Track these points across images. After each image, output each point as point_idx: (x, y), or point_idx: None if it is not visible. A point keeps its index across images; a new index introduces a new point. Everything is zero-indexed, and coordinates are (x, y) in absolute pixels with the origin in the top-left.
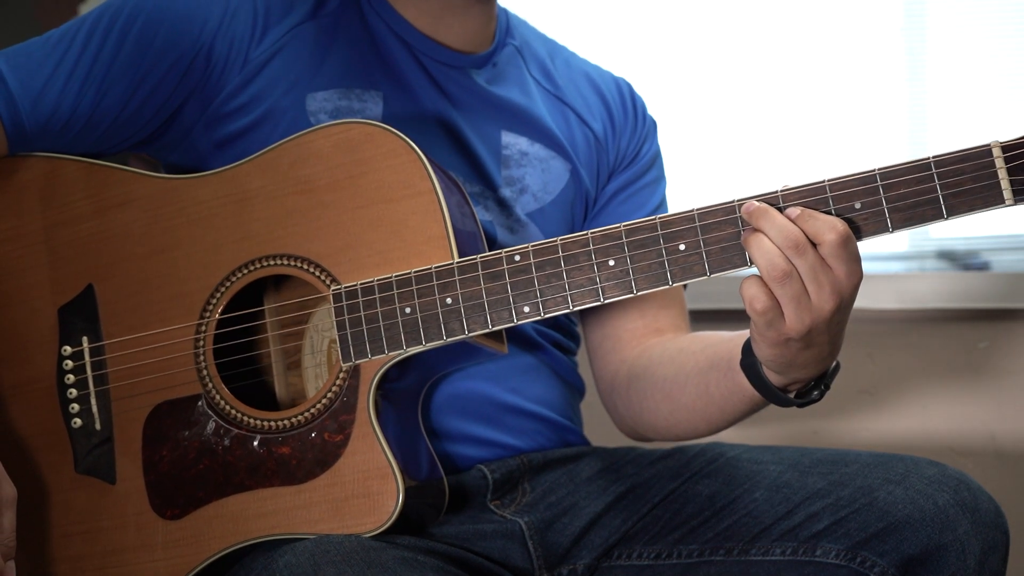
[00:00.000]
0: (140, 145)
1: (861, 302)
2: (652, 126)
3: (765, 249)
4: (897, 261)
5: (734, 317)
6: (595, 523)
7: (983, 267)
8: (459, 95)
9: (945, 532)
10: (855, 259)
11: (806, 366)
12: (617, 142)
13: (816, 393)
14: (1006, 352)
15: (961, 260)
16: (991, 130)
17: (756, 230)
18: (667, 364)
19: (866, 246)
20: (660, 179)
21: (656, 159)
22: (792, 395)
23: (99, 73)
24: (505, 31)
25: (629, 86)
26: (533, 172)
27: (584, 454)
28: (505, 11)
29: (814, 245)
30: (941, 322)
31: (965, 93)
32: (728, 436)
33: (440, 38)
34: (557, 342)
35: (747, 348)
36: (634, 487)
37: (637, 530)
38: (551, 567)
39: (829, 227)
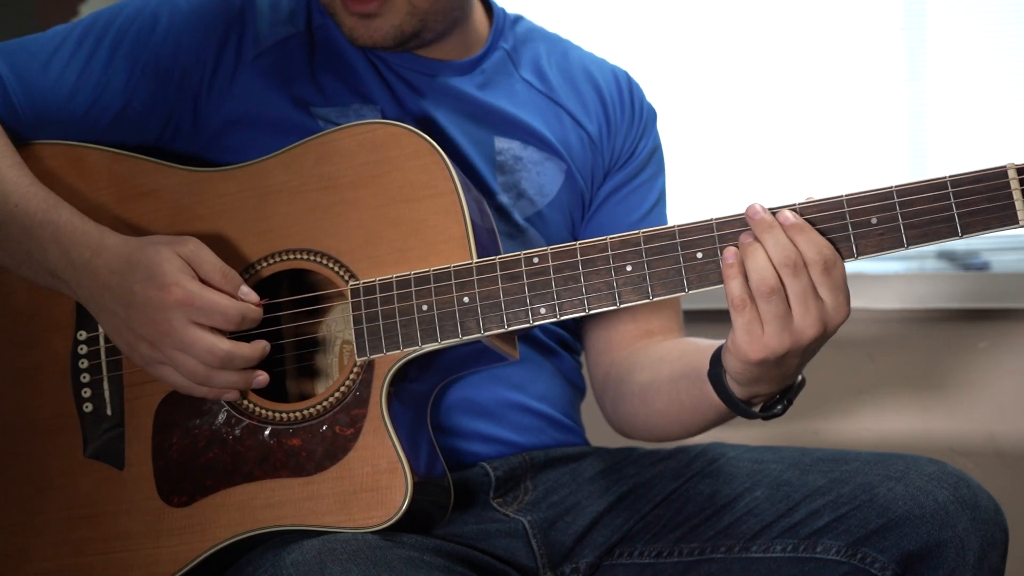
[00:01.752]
0: (167, 138)
1: (861, 302)
2: (651, 117)
3: (760, 264)
4: (897, 261)
5: None
6: (597, 522)
7: (983, 267)
8: (447, 104)
9: (944, 529)
10: (842, 288)
11: (770, 383)
12: (612, 141)
13: (779, 408)
14: (1006, 352)
15: (961, 260)
16: (991, 130)
17: (756, 240)
18: (646, 370)
19: (858, 259)
20: (658, 174)
21: (654, 154)
22: (757, 408)
23: (96, 68)
24: (499, 33)
25: (627, 77)
26: (528, 176)
27: (586, 454)
28: (503, 11)
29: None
30: (941, 322)
31: (965, 93)
32: (728, 436)
33: (424, 53)
34: (563, 341)
35: (715, 359)
36: (636, 487)
37: (639, 529)
38: (554, 565)
39: (816, 249)
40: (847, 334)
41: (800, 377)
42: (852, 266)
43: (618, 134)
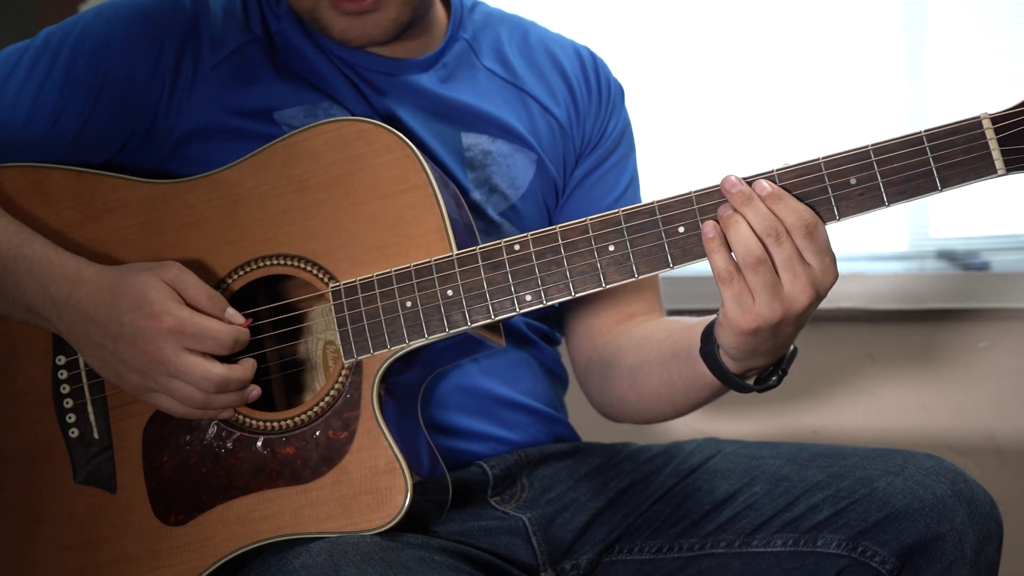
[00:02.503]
0: (125, 154)
1: (861, 302)
2: (619, 95)
3: (743, 235)
4: (897, 261)
5: None
6: (597, 518)
7: (983, 267)
8: (411, 102)
9: (943, 522)
10: (827, 251)
11: (765, 355)
12: (582, 125)
13: (774, 379)
14: (1006, 352)
15: (961, 260)
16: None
17: (735, 211)
18: (632, 352)
19: (866, 246)
20: (629, 154)
21: (624, 134)
22: (751, 382)
23: (53, 89)
24: (458, 24)
25: (591, 54)
26: (498, 170)
27: (580, 450)
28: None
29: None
30: (941, 322)
31: (965, 93)
32: (727, 434)
33: (378, 51)
34: (545, 334)
35: (706, 335)
36: (634, 482)
37: (638, 525)
38: (554, 562)
39: (797, 215)
40: (847, 334)
41: (792, 347)
42: (852, 265)
43: (587, 117)
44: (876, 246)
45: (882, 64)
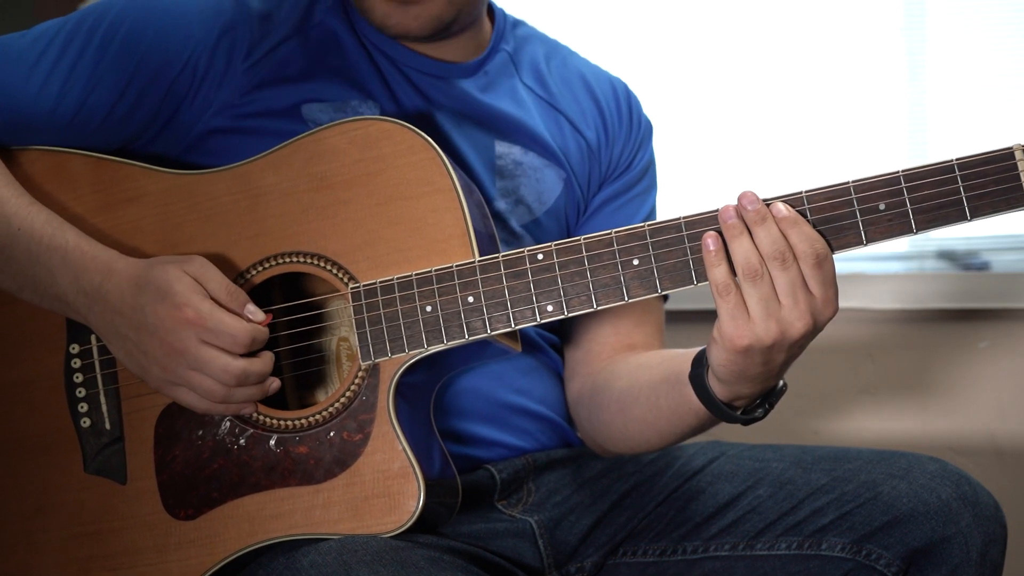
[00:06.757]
0: (142, 142)
1: (861, 302)
2: (648, 130)
3: (745, 248)
4: (897, 261)
5: None
6: (601, 521)
7: (983, 267)
8: (450, 106)
9: (948, 525)
10: (831, 283)
11: (754, 381)
12: (610, 150)
13: (760, 412)
14: (1006, 352)
15: (961, 260)
16: (991, 130)
17: (745, 227)
18: (625, 377)
19: (867, 246)
20: (652, 187)
21: (650, 167)
22: (738, 412)
23: (83, 73)
24: (500, 35)
25: (625, 88)
26: (527, 182)
27: (585, 454)
28: (503, 13)
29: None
30: (941, 322)
31: (965, 93)
32: (727, 436)
33: (427, 52)
34: (553, 344)
35: (697, 360)
36: (638, 484)
37: (642, 527)
38: (560, 565)
39: (809, 243)
40: (847, 334)
41: (782, 382)
42: (852, 265)
43: (616, 143)
44: (876, 246)
45: (882, 64)
